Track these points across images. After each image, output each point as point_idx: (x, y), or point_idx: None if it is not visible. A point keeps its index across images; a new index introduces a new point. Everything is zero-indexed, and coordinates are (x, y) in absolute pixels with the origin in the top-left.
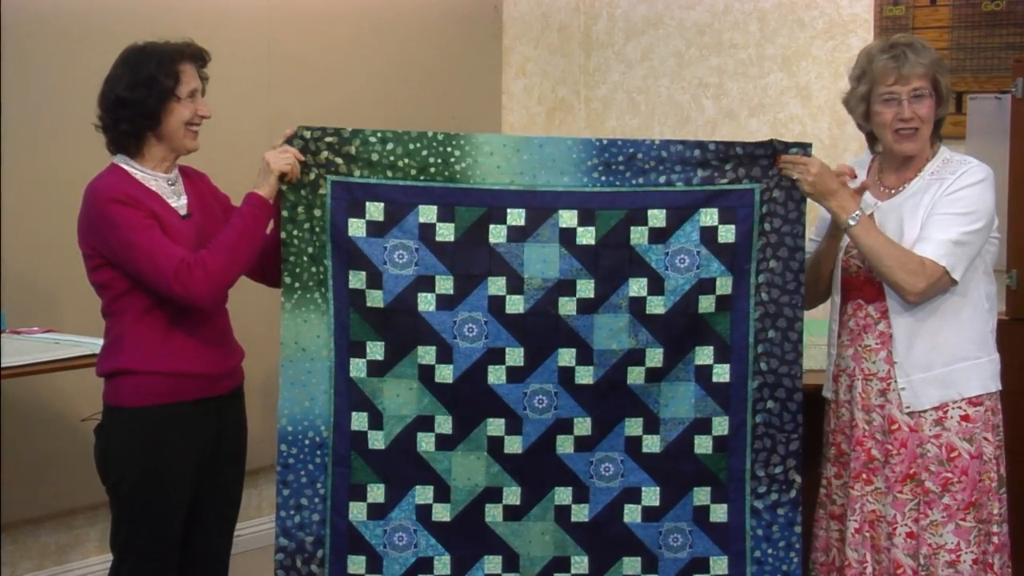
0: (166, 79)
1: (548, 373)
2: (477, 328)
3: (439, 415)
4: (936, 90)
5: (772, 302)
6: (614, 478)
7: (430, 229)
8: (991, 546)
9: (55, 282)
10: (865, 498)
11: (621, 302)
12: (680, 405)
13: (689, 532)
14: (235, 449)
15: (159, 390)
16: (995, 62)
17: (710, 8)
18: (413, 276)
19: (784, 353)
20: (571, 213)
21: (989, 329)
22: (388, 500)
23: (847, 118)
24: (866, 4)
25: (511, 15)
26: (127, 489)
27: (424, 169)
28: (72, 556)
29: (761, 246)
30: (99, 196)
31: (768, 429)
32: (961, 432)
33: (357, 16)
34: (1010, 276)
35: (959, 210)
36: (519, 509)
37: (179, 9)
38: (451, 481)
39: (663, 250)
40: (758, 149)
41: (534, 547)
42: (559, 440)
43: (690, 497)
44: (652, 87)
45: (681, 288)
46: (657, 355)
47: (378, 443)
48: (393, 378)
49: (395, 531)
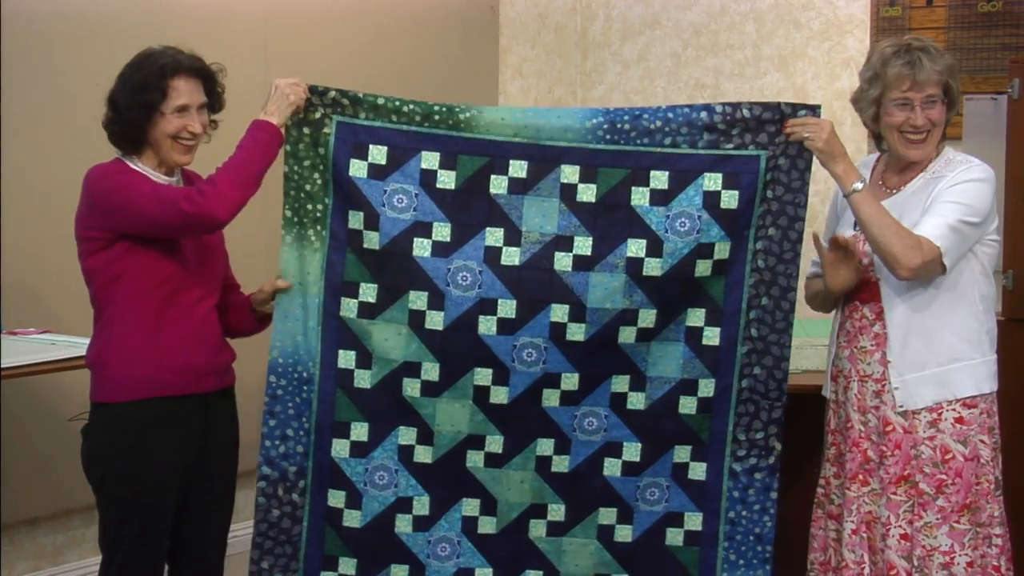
0: (152, 92)
1: (539, 327)
2: (471, 277)
3: (426, 362)
4: (948, 95)
5: (768, 269)
6: (597, 432)
7: (431, 175)
8: (994, 549)
9: (52, 283)
10: (862, 499)
11: (618, 262)
12: (668, 364)
13: (666, 487)
14: (227, 449)
15: (142, 383)
16: (991, 63)
17: (707, 9)
18: (411, 221)
19: (775, 321)
20: (573, 168)
21: (985, 330)
22: (371, 439)
23: (843, 118)
24: (862, 5)
25: (508, 16)
26: (111, 488)
27: (428, 116)
28: (69, 556)
29: (762, 212)
30: (99, 174)
31: (753, 395)
32: (955, 434)
33: (354, 17)
34: (1006, 276)
35: (958, 199)
36: (500, 457)
37: (177, 11)
38: (434, 426)
39: (664, 212)
40: (765, 112)
41: (512, 493)
42: (545, 393)
43: (670, 454)
44: (649, 88)
45: (680, 251)
46: (650, 316)
47: (364, 382)
48: (383, 322)
49: (376, 470)
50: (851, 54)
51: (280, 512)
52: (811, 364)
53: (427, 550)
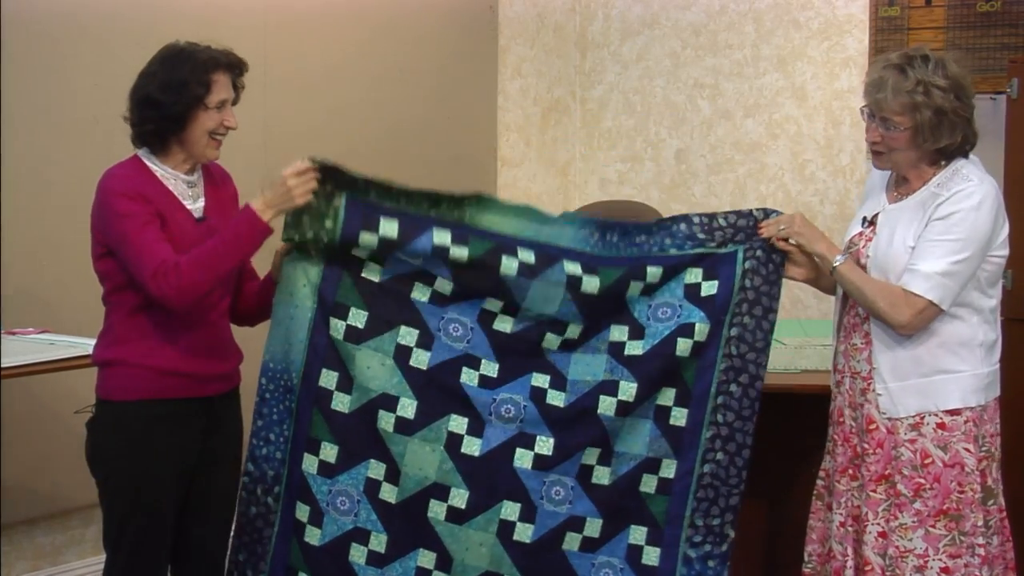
0: (197, 86)
1: (521, 387)
2: (462, 331)
3: (405, 397)
4: (919, 132)
5: (739, 356)
6: (563, 503)
7: (444, 250)
8: (976, 559)
9: (51, 283)
10: (850, 493)
11: (600, 345)
12: (635, 441)
13: (620, 569)
14: (230, 451)
15: (147, 385)
16: (990, 63)
17: (706, 8)
18: (416, 268)
19: (742, 408)
20: (575, 264)
21: (979, 342)
22: (339, 462)
23: (842, 118)
24: (861, 5)
25: (507, 15)
26: (114, 485)
27: (437, 205)
28: (68, 556)
29: (739, 301)
30: (109, 187)
31: (713, 480)
32: (936, 440)
33: (353, 17)
34: (1006, 276)
35: (949, 237)
36: (463, 513)
37: (177, 10)
38: (402, 466)
39: (647, 302)
40: (740, 220)
41: (470, 555)
42: (518, 453)
43: (626, 534)
44: (648, 87)
45: (660, 333)
46: (630, 389)
47: (342, 406)
48: (369, 349)
49: (339, 494)
50: (850, 54)
51: (256, 511)
52: (811, 364)
53: None
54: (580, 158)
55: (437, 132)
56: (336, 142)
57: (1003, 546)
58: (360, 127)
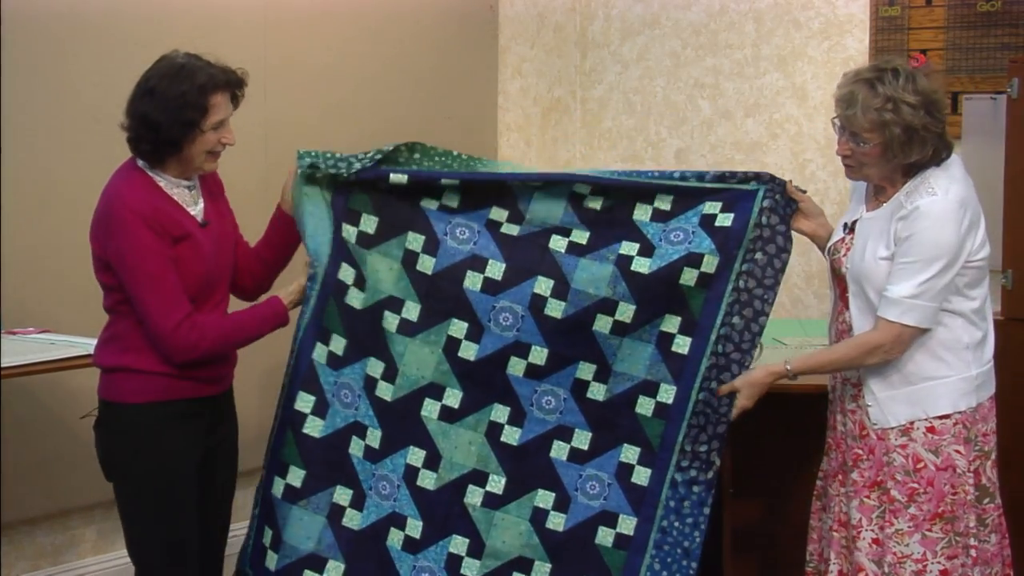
0: (193, 112)
1: (521, 295)
2: (469, 233)
3: (410, 300)
4: (889, 148)
5: (747, 291)
6: (553, 412)
7: (453, 186)
8: (969, 559)
9: (52, 283)
10: (839, 498)
11: (609, 255)
12: (634, 363)
13: (608, 484)
14: (228, 450)
15: (158, 387)
16: (990, 62)
17: (706, 8)
18: (425, 186)
19: (742, 341)
20: (584, 186)
21: (963, 345)
22: (346, 355)
23: None
24: (862, 4)
25: (507, 15)
26: (134, 487)
27: (447, 165)
28: (68, 556)
29: (754, 237)
30: (124, 207)
31: (706, 408)
32: (927, 444)
33: (353, 17)
34: (1006, 276)
35: (910, 259)
36: (455, 412)
37: (177, 10)
38: (401, 365)
39: (661, 228)
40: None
41: (458, 453)
42: (512, 361)
43: (618, 451)
44: (648, 87)
45: (669, 256)
46: (629, 311)
47: (356, 302)
48: (378, 254)
49: (343, 386)
50: (850, 54)
51: None
52: None
53: (370, 482)
54: (580, 158)
55: (437, 132)
56: (336, 142)
57: (1001, 544)
58: (360, 127)
